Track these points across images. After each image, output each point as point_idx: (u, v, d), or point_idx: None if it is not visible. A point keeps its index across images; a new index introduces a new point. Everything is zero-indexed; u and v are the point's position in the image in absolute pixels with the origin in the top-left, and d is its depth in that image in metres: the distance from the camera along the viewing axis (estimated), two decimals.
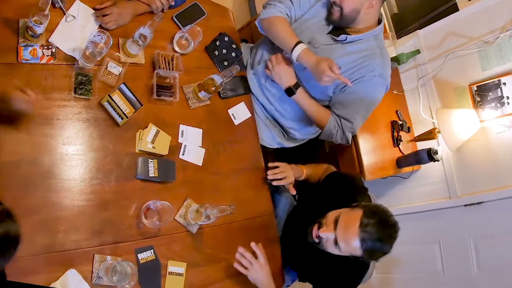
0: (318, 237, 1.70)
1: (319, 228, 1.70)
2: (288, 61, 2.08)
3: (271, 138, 2.31)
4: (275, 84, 2.16)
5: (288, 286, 2.20)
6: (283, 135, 2.36)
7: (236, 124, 2.13)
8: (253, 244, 1.86)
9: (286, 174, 2.02)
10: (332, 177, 2.07)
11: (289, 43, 2.00)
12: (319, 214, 1.77)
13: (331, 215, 1.69)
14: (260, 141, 2.21)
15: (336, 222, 1.65)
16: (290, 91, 2.08)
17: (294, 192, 2.04)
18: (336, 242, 1.65)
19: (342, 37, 2.04)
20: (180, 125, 1.95)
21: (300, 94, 2.09)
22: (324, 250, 1.72)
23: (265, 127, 2.28)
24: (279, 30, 2.06)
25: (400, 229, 1.64)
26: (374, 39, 2.07)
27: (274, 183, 2.03)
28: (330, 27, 2.10)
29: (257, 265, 1.83)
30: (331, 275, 1.87)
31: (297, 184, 2.14)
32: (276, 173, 2.02)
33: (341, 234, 1.63)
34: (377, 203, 1.79)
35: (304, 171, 2.13)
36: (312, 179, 2.16)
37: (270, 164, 2.05)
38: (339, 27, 2.08)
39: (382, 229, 1.60)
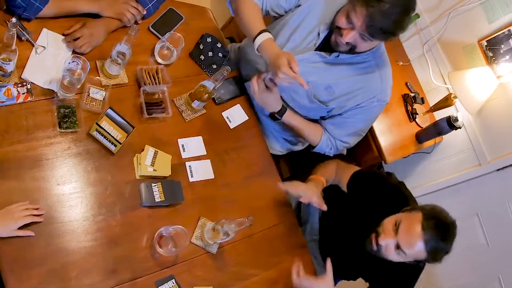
0: (378, 245, 1.73)
1: (377, 237, 1.73)
2: (272, 83, 1.89)
3: (280, 146, 2.30)
4: None
5: None
6: (292, 140, 2.32)
7: (231, 127, 2.10)
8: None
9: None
10: (369, 181, 2.01)
11: (253, 31, 1.87)
12: (368, 222, 1.80)
13: (388, 221, 1.73)
14: (270, 150, 2.20)
15: (395, 227, 1.69)
16: (273, 117, 2.03)
17: (325, 208, 1.90)
18: (397, 248, 1.68)
19: (334, 55, 1.90)
20: (179, 140, 1.93)
21: (285, 118, 2.02)
22: (384, 258, 1.74)
23: (272, 135, 2.27)
24: (244, 15, 1.94)
25: (457, 227, 1.72)
26: (372, 56, 1.92)
27: None
28: (320, 40, 1.93)
29: None
30: (384, 278, 1.89)
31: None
32: None
33: (404, 238, 1.66)
34: (431, 204, 1.81)
35: (323, 180, 2.05)
36: (330, 181, 2.11)
37: (281, 187, 1.95)
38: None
39: (443, 229, 1.67)
